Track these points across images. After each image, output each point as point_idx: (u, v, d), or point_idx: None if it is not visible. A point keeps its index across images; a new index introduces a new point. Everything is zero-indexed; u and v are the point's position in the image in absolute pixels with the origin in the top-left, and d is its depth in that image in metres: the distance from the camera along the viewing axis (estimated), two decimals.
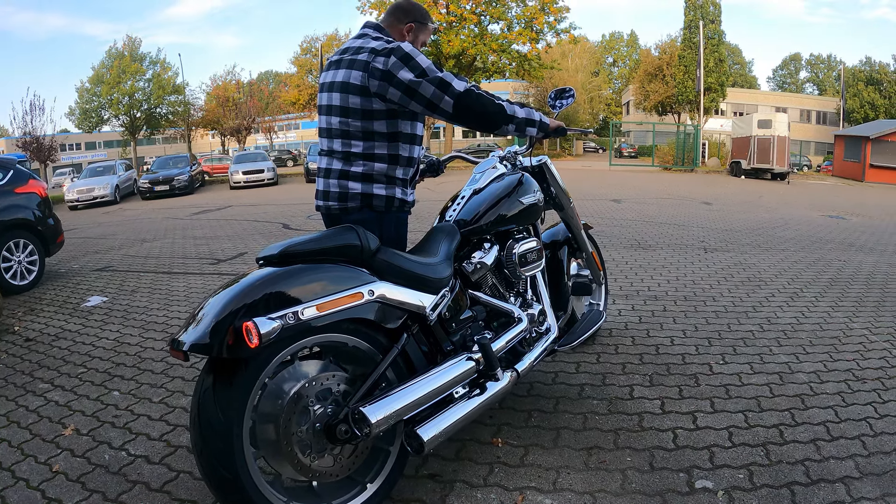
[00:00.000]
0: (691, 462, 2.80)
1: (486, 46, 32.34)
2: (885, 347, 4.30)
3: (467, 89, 2.69)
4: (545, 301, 3.34)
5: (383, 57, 2.68)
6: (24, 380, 4.15)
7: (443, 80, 2.66)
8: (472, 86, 2.73)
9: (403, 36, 2.97)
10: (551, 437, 3.07)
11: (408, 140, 2.86)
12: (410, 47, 2.71)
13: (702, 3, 40.14)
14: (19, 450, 3.15)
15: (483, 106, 2.74)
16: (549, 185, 3.72)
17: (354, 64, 2.75)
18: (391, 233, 2.86)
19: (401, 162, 2.85)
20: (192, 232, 12.16)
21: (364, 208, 2.85)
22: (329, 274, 2.25)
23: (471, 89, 2.71)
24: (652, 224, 11.10)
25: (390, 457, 2.50)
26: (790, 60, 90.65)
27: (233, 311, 1.99)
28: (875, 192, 24.02)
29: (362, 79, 2.71)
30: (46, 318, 5.77)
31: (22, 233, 7.38)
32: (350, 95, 2.75)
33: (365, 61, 2.71)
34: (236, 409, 2.05)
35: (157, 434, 3.25)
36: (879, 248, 9.12)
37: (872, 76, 56.88)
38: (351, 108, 2.76)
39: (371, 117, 2.76)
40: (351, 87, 2.74)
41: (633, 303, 5.50)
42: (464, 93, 2.68)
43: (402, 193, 2.91)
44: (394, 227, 2.92)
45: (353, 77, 2.74)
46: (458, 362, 2.59)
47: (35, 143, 30.99)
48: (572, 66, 59.84)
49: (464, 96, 2.68)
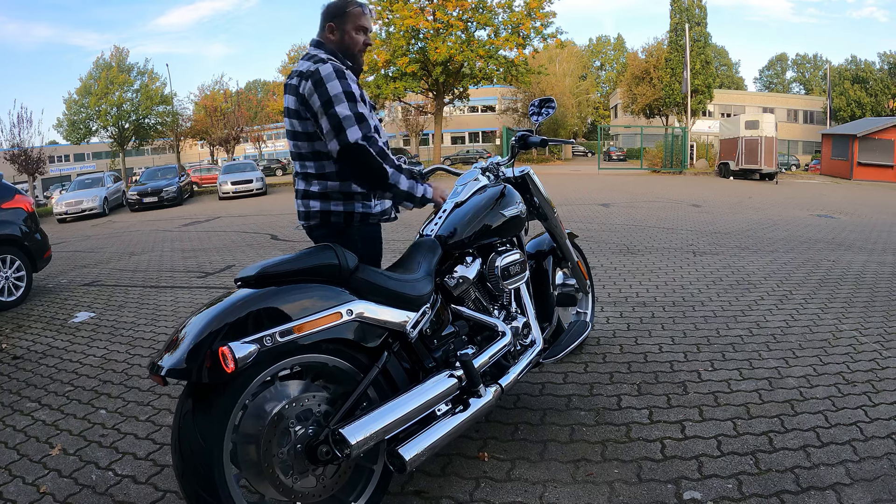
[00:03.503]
0: (679, 473, 2.78)
1: (473, 53, 32.35)
2: (875, 349, 4.31)
3: (358, 145, 2.68)
4: (530, 313, 3.33)
5: (303, 80, 2.75)
6: (12, 399, 4.12)
7: (340, 123, 2.68)
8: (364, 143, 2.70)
9: (331, 39, 2.98)
10: (538, 450, 3.05)
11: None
12: (328, 70, 2.72)
13: (687, 5, 40.32)
14: (7, 470, 3.13)
15: (367, 165, 2.73)
16: (533, 196, 3.70)
17: (288, 88, 2.84)
18: (357, 248, 2.83)
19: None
20: (181, 244, 12.11)
21: (324, 225, 2.95)
22: (306, 294, 2.22)
23: (362, 147, 2.69)
24: (640, 228, 11.11)
25: (374, 476, 2.48)
26: (776, 61, 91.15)
27: (210, 335, 1.97)
28: (863, 190, 24.16)
29: (296, 103, 2.80)
30: (34, 335, 5.73)
31: (9, 248, 7.33)
32: (292, 120, 2.84)
33: (294, 85, 2.80)
34: (216, 432, 2.03)
35: (144, 453, 3.22)
36: (868, 246, 9.16)
37: (858, 74, 57.39)
38: (297, 131, 2.85)
39: (314, 138, 2.82)
40: (291, 112, 2.84)
41: (622, 309, 5.49)
42: (352, 145, 2.68)
43: (364, 207, 2.95)
44: (360, 241, 2.94)
45: (289, 102, 2.84)
46: (439, 380, 2.57)
47: (23, 156, 30.81)
48: (560, 71, 59.93)
49: (350, 149, 2.68)
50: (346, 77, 2.76)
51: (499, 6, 33.25)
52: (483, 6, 33.04)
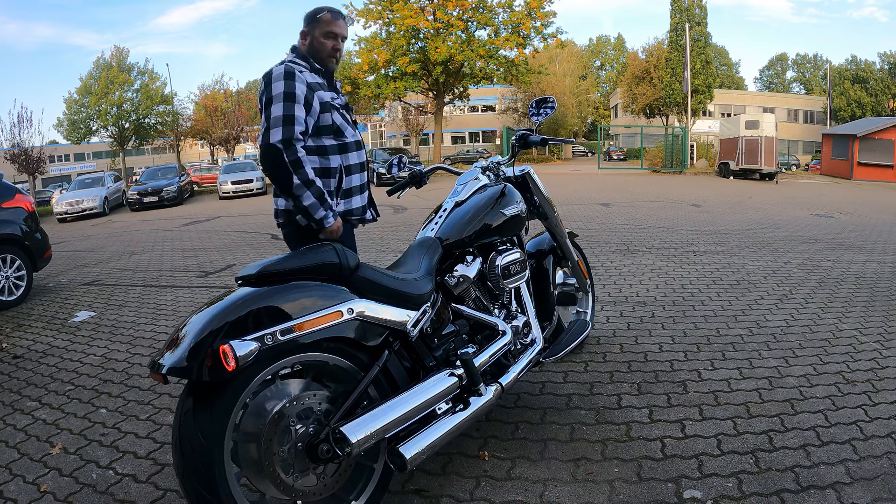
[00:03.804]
0: (679, 472, 2.78)
1: (473, 52, 32.30)
2: (875, 348, 4.31)
3: (274, 147, 2.83)
4: (530, 312, 3.33)
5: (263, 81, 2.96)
6: (13, 398, 4.13)
7: (269, 122, 2.86)
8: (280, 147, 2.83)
9: (303, 44, 3.15)
10: (538, 449, 3.05)
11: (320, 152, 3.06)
12: (279, 71, 2.92)
13: (688, 5, 40.26)
14: (7, 469, 3.13)
15: (276, 167, 2.86)
16: (533, 195, 3.70)
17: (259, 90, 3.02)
18: None
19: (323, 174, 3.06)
20: (181, 244, 12.12)
21: (289, 223, 3.12)
22: (307, 293, 2.23)
23: (277, 149, 2.82)
24: (641, 228, 11.11)
25: (374, 474, 2.48)
26: (777, 61, 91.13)
27: (211, 333, 1.97)
28: (863, 190, 24.15)
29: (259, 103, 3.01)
30: (34, 335, 5.74)
31: (9, 248, 7.34)
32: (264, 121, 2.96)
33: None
34: (216, 431, 2.03)
35: (144, 452, 3.23)
36: (868, 246, 9.16)
37: (859, 74, 57.36)
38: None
39: None
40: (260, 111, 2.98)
41: (622, 309, 5.50)
42: (269, 146, 2.84)
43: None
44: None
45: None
46: (440, 378, 2.57)
47: (23, 156, 30.80)
48: (560, 71, 59.92)
49: (267, 149, 2.84)
50: (294, 79, 2.89)
51: (499, 6, 33.20)
52: (483, 6, 32.99)
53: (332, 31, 3.12)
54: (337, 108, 3.10)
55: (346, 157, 3.14)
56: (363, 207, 3.28)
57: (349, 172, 3.16)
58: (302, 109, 2.89)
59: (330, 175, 3.08)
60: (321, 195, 2.93)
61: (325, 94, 3.04)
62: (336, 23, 3.13)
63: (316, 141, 3.04)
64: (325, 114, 3.03)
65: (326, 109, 3.03)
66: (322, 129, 3.05)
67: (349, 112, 3.24)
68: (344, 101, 3.22)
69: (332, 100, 3.08)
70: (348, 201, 3.17)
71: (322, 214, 2.96)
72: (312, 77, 3.03)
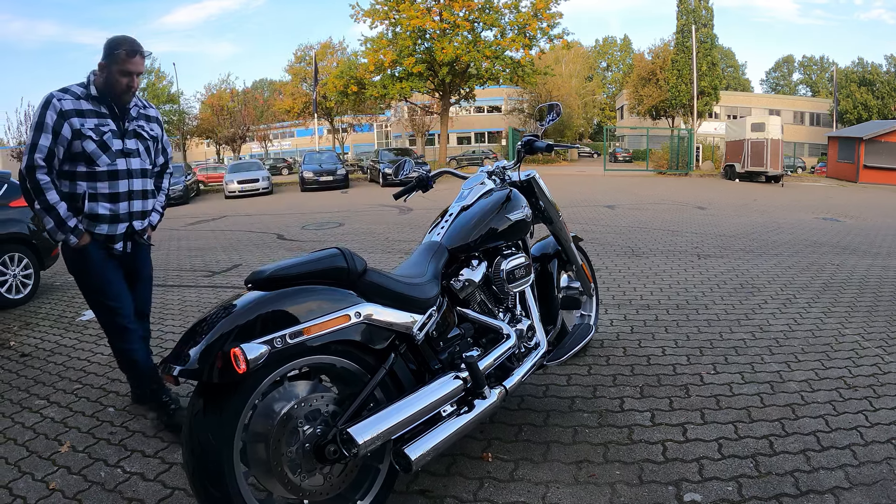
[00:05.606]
0: (680, 475, 2.81)
1: (479, 53, 32.31)
2: (878, 354, 4.33)
3: (21, 174, 3.20)
4: (534, 316, 3.36)
5: None
6: (21, 396, 4.14)
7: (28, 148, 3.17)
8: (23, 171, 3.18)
9: (100, 78, 3.30)
10: (541, 451, 3.08)
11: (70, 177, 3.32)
12: (42, 100, 3.18)
13: (694, 7, 40.25)
14: (16, 467, 3.15)
15: (25, 192, 3.22)
16: (538, 199, 3.73)
17: None
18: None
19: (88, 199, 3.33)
20: (187, 243, 12.15)
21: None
22: (317, 297, 2.26)
23: (22, 174, 3.18)
24: (645, 230, 11.13)
25: (380, 475, 2.52)
26: (783, 62, 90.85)
27: (222, 336, 2.01)
28: (869, 193, 24.10)
29: None
30: (42, 333, 5.77)
31: (17, 247, 7.37)
32: None
33: None
34: (226, 432, 2.07)
35: (152, 451, 3.26)
36: (873, 250, 9.16)
37: (865, 77, 57.17)
38: None
39: None
40: None
41: (626, 312, 5.52)
42: (21, 171, 3.20)
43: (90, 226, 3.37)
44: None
45: None
46: (445, 381, 2.60)
47: None
48: (566, 72, 59.97)
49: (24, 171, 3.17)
50: (48, 108, 3.15)
51: (505, 7, 33.22)
52: (490, 7, 33.01)
53: (128, 70, 3.26)
54: (92, 136, 3.23)
55: (94, 185, 3.29)
56: (109, 236, 3.43)
57: (93, 199, 3.32)
58: (48, 138, 3.14)
59: (76, 200, 3.30)
60: (60, 221, 3.22)
61: (80, 122, 3.20)
62: (131, 61, 3.25)
63: (70, 166, 3.25)
64: (76, 141, 3.20)
65: (78, 137, 3.19)
66: (75, 156, 3.23)
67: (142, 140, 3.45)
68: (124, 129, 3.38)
69: (94, 127, 3.23)
70: (92, 225, 3.36)
71: (61, 238, 3.29)
72: (77, 104, 3.21)
